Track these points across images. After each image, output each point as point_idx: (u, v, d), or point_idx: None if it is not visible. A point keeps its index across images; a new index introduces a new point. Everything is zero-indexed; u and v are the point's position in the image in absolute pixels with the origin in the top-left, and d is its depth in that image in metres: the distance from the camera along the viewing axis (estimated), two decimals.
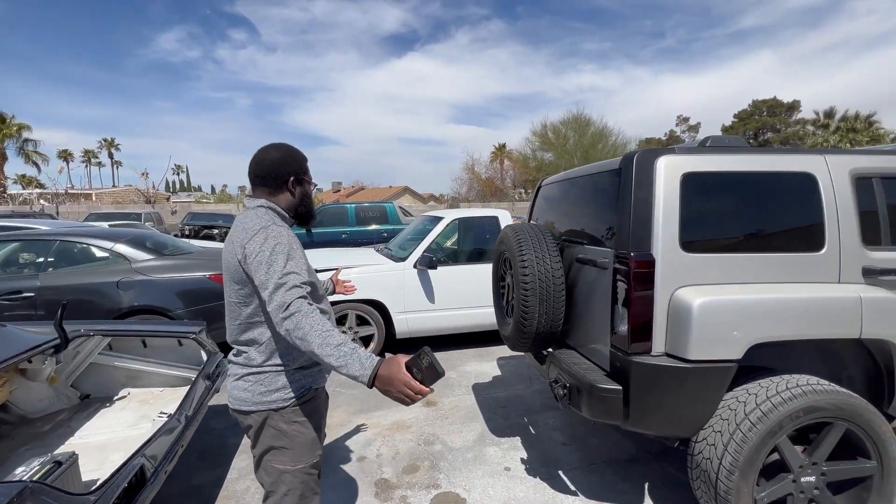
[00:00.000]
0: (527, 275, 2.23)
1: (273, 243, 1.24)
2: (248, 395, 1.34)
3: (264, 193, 1.42)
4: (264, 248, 1.23)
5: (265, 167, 1.40)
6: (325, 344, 1.11)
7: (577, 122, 21.29)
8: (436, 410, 3.33)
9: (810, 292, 1.80)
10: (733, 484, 1.73)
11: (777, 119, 37.82)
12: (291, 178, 1.42)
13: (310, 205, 1.52)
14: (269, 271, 1.20)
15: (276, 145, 1.44)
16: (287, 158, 1.43)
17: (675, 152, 1.91)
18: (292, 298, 1.16)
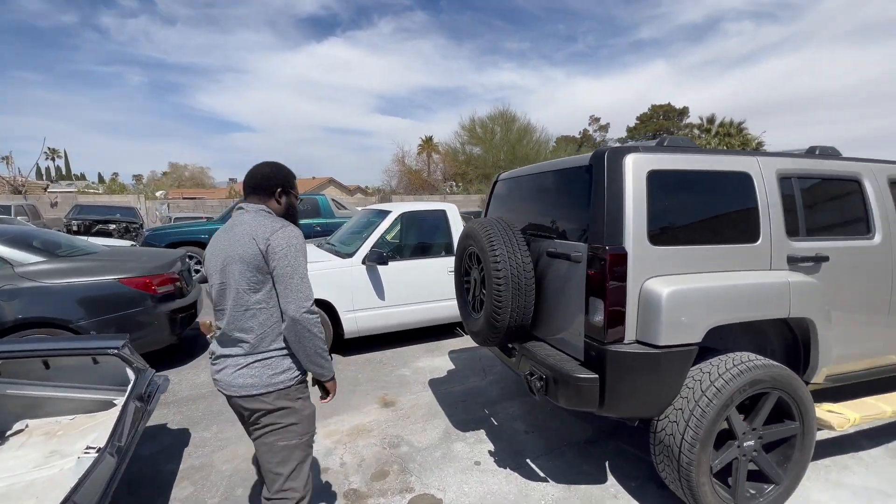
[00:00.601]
0: (499, 269, 2.23)
1: (296, 242, 1.49)
2: (256, 381, 1.47)
3: (256, 200, 1.61)
4: (291, 244, 1.47)
5: (257, 179, 1.61)
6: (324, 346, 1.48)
7: (504, 118, 22.00)
8: (395, 411, 3.24)
9: (754, 279, 2.03)
10: (695, 456, 1.89)
11: (671, 123, 42.61)
12: (279, 190, 1.63)
13: (294, 213, 1.71)
14: (295, 265, 1.45)
15: (268, 162, 1.67)
16: (276, 173, 1.64)
17: (639, 150, 2.02)
18: (313, 297, 1.46)
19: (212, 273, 1.57)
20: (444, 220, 4.74)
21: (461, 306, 2.81)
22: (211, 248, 1.59)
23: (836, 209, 2.39)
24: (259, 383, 1.47)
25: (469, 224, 2.61)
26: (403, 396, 3.48)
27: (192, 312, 4.22)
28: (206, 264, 1.60)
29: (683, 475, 1.94)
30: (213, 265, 1.56)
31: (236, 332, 1.50)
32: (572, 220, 2.20)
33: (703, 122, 39.07)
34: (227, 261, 1.49)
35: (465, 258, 2.71)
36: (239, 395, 1.49)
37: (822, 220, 2.32)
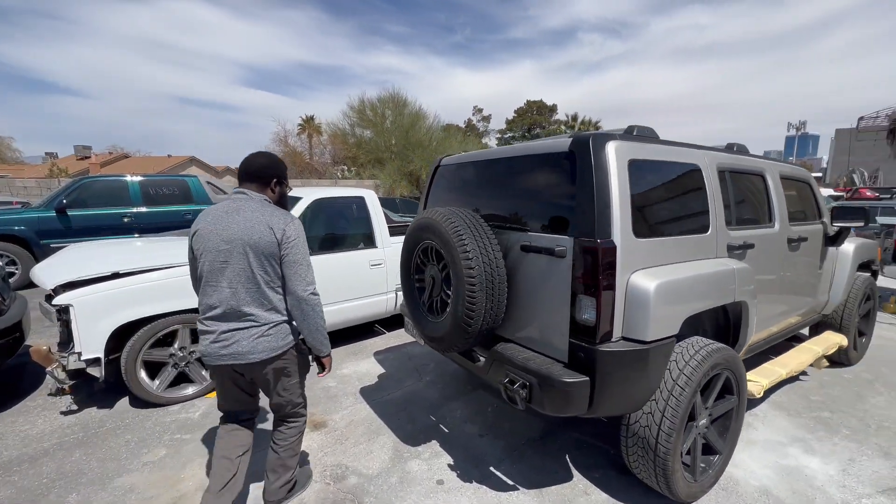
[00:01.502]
0: (472, 267, 1.96)
1: (303, 233, 1.78)
2: (275, 343, 1.77)
3: (254, 188, 1.81)
4: (300, 235, 1.76)
5: (255, 168, 1.81)
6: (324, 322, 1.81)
7: (394, 102, 21.37)
8: (329, 433, 2.77)
9: (712, 268, 2.12)
10: (671, 444, 1.92)
11: (543, 118, 46.81)
12: (274, 181, 1.84)
13: (286, 202, 1.93)
14: (304, 253, 1.76)
15: (263, 153, 1.88)
16: (272, 164, 1.85)
17: (617, 138, 1.92)
18: (315, 280, 1.79)
19: (208, 250, 1.70)
20: (364, 207, 4.26)
21: (411, 309, 2.47)
22: (212, 226, 1.72)
23: (752, 201, 2.67)
24: (277, 345, 1.78)
25: (423, 216, 2.27)
26: (335, 413, 3.01)
27: (15, 336, 3.04)
28: (201, 241, 1.72)
29: (660, 464, 1.96)
30: (212, 243, 1.70)
31: (245, 307, 1.72)
32: (549, 210, 2.03)
33: (569, 119, 44.40)
34: (240, 243, 1.68)
35: (418, 254, 2.38)
36: (260, 358, 1.75)
37: (744, 211, 2.57)
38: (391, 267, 4.24)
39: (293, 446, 2.02)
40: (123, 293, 2.84)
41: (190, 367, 3.14)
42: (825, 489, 2.27)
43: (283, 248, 1.70)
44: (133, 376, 2.90)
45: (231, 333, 1.72)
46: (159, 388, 3.03)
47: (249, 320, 1.72)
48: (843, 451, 2.60)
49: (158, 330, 2.96)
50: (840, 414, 3.02)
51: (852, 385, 3.46)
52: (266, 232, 1.68)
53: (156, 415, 2.95)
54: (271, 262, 1.71)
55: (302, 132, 34.12)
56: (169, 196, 7.48)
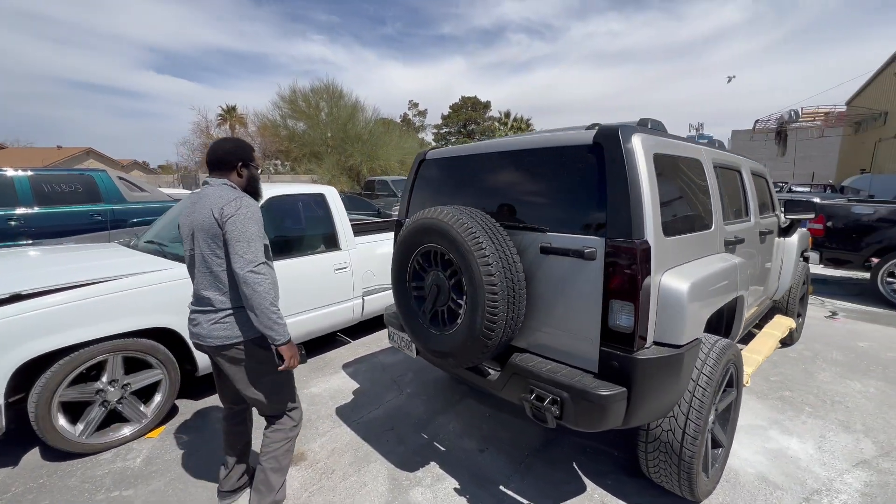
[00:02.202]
0: (492, 273, 1.74)
1: (246, 210, 1.69)
2: (228, 332, 1.75)
3: (218, 175, 1.83)
4: (241, 212, 1.67)
5: (218, 154, 1.82)
6: (272, 306, 1.66)
7: (329, 93, 20.31)
8: (310, 467, 2.41)
9: (723, 263, 2.10)
10: (696, 448, 1.87)
11: (478, 114, 47.56)
12: (239, 164, 1.85)
13: (256, 185, 1.93)
14: (243, 230, 1.65)
15: (227, 138, 1.92)
16: (233, 149, 1.84)
17: (639, 131, 1.81)
18: (261, 259, 1.67)
19: (183, 239, 1.82)
20: (324, 206, 3.84)
21: (408, 321, 2.20)
22: (181, 217, 1.84)
23: (734, 196, 2.74)
24: (231, 335, 1.75)
25: (424, 216, 2.00)
26: (312, 442, 2.64)
27: None
28: (181, 234, 1.83)
29: (685, 468, 1.90)
30: (182, 232, 1.82)
31: (203, 291, 1.76)
32: (571, 208, 1.86)
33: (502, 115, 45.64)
34: (194, 229, 1.74)
35: (416, 259, 2.10)
36: (214, 344, 1.75)
37: (732, 206, 2.63)
38: (357, 270, 3.88)
39: (277, 456, 1.90)
40: (30, 320, 2.22)
41: (124, 403, 2.58)
42: (811, 469, 2.39)
43: (223, 228, 1.66)
44: (47, 423, 2.30)
45: (195, 315, 1.81)
46: (84, 434, 2.44)
47: (207, 304, 1.76)
48: (813, 428, 2.79)
49: (80, 362, 2.37)
50: (798, 392, 3.26)
51: (799, 363, 3.78)
52: (207, 214, 1.69)
53: (81, 468, 2.37)
54: (217, 243, 1.70)
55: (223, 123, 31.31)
56: (70, 194, 6.29)
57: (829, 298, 5.90)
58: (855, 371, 3.62)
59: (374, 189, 15.26)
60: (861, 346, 4.17)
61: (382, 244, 4.24)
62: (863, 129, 18.61)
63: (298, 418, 1.99)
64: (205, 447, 2.57)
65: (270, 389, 1.86)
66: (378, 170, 19.14)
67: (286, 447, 1.93)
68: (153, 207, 6.77)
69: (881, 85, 18.15)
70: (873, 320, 4.95)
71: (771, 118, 19.28)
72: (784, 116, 18.91)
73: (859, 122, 18.82)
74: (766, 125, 19.95)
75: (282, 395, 1.90)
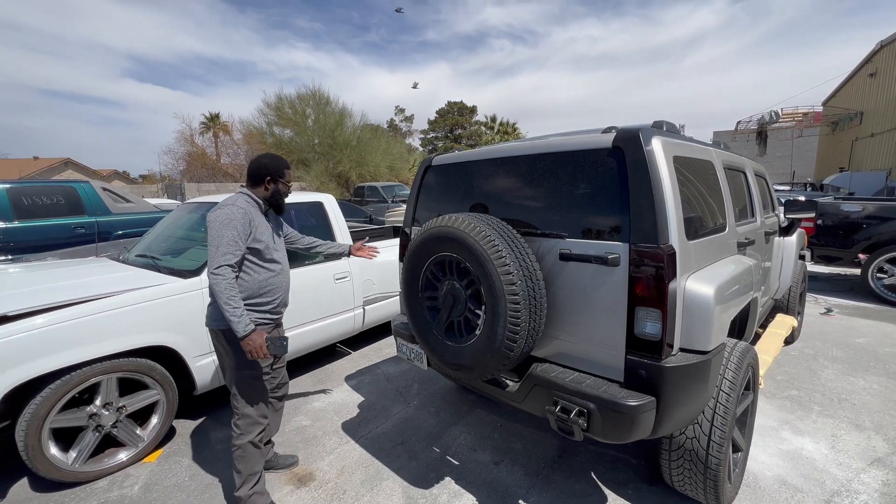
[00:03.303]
0: (513, 283, 1.69)
1: (222, 217, 1.88)
2: (208, 318, 2.02)
3: (249, 185, 2.11)
4: (216, 219, 1.88)
5: (252, 168, 2.10)
6: (227, 304, 1.79)
7: (316, 100, 20.14)
8: (320, 487, 2.30)
9: (741, 265, 2.08)
10: (723, 455, 1.83)
11: (464, 119, 47.74)
12: (268, 178, 2.08)
13: (279, 199, 2.16)
14: (213, 236, 1.86)
15: (265, 154, 2.17)
16: (263, 165, 2.08)
17: (657, 133, 1.78)
18: (222, 262, 1.82)
19: None
20: (322, 214, 3.75)
21: (420, 333, 2.12)
22: None
23: (741, 197, 2.74)
24: (209, 321, 2.03)
25: (437, 225, 1.94)
26: (320, 461, 2.53)
27: None
28: None
29: (711, 477, 1.86)
30: None
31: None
32: (591, 213, 1.81)
33: (488, 120, 45.93)
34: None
35: (429, 269, 2.03)
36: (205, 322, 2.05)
37: (740, 207, 2.62)
38: (357, 279, 3.79)
39: (235, 454, 2.00)
40: (17, 343, 2.09)
41: (119, 426, 2.44)
42: (828, 469, 2.38)
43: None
44: (37, 452, 2.15)
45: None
46: (77, 462, 2.30)
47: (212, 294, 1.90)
48: (824, 427, 2.79)
49: (72, 386, 2.24)
50: (805, 391, 3.27)
51: (802, 361, 3.80)
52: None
53: (74, 499, 2.23)
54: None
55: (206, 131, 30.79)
56: (51, 207, 6.06)
57: (821, 295, 6.00)
58: (856, 368, 3.65)
59: (363, 195, 15.14)
60: (859, 342, 4.23)
61: (382, 251, 4.15)
62: (839, 128, 19.18)
63: (244, 427, 1.99)
64: (206, 469, 2.45)
65: (231, 381, 2.03)
66: (367, 176, 19.02)
67: (237, 453, 2.00)
68: (140, 219, 6.56)
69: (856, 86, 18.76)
70: (866, 316, 5.04)
71: (752, 119, 19.74)
72: (765, 117, 19.38)
73: (836, 122, 19.39)
74: (748, 126, 20.42)
75: (240, 392, 2.00)
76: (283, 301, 2.15)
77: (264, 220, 2.07)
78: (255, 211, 2.02)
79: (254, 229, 1.96)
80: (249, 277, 1.98)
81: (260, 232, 1.99)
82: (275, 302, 2.09)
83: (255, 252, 1.98)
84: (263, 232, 2.02)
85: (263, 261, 2.02)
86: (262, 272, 2.01)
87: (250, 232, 1.94)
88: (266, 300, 2.04)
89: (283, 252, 2.19)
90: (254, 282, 1.99)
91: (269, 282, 2.04)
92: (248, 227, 1.93)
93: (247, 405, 2.01)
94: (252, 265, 1.99)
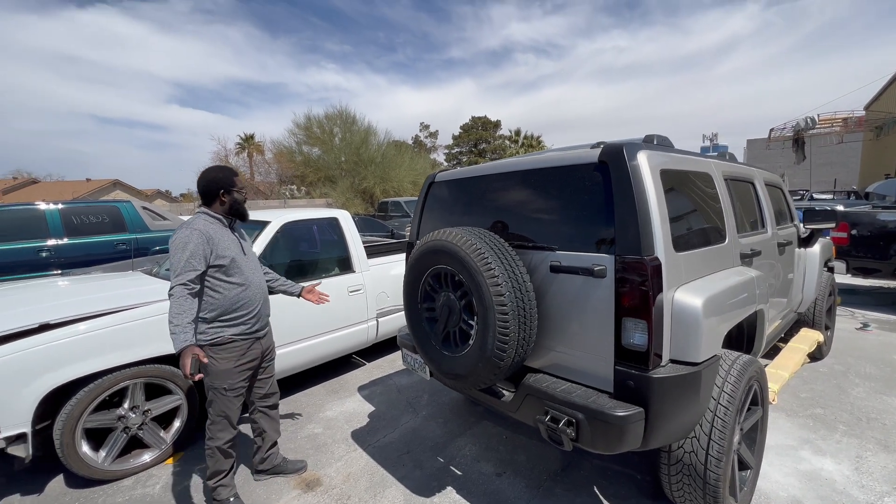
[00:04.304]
0: (502, 294, 1.75)
1: (177, 240, 1.99)
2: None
3: (204, 203, 2.16)
4: (178, 237, 1.99)
5: (202, 186, 2.13)
6: (170, 322, 1.88)
7: (343, 119, 20.90)
8: (326, 492, 2.39)
9: (739, 278, 2.06)
10: (722, 470, 1.80)
11: (488, 133, 48.11)
12: (221, 191, 2.12)
13: (239, 207, 2.19)
14: (173, 258, 1.96)
15: (210, 168, 2.18)
16: (213, 179, 2.12)
17: (644, 148, 1.82)
18: (176, 283, 1.92)
19: None
20: (338, 230, 3.91)
21: (420, 343, 2.20)
22: None
23: (749, 208, 2.70)
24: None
25: (434, 238, 2.03)
26: (327, 467, 2.62)
27: None
28: None
29: (710, 492, 1.82)
30: None
31: None
32: (578, 226, 1.87)
33: (512, 133, 46.15)
34: None
35: (427, 281, 2.12)
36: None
37: (746, 219, 2.59)
38: (371, 292, 3.92)
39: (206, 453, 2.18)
40: (57, 349, 2.30)
41: (145, 429, 2.62)
42: (848, 492, 2.27)
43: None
44: (71, 450, 2.35)
45: None
46: (106, 461, 2.49)
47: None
48: (848, 448, 2.65)
49: (104, 389, 2.44)
50: (831, 409, 3.12)
51: (830, 378, 3.62)
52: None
53: (103, 495, 2.41)
54: None
55: (241, 151, 32.41)
56: (97, 225, 6.57)
57: (859, 309, 5.67)
58: (891, 386, 3.44)
59: (387, 210, 15.47)
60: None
61: (396, 265, 4.28)
62: (884, 133, 18.17)
63: (214, 432, 2.13)
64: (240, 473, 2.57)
65: (210, 391, 2.12)
66: (391, 191, 19.43)
67: (208, 453, 2.16)
68: None
69: None
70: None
71: (786, 126, 18.99)
72: (800, 124, 18.61)
73: (880, 127, 18.39)
74: (782, 133, 19.65)
75: (212, 401, 2.12)
76: (260, 313, 2.20)
77: (229, 233, 2.12)
78: (215, 228, 2.07)
79: (214, 247, 2.00)
80: (220, 295, 2.04)
81: (223, 248, 2.03)
82: (250, 315, 2.14)
83: (220, 269, 2.02)
84: (228, 247, 2.06)
85: (230, 277, 2.06)
86: (231, 289, 2.06)
87: (211, 250, 1.99)
88: (240, 314, 2.10)
89: (254, 263, 2.24)
90: (224, 299, 2.05)
91: (240, 297, 2.09)
92: (207, 246, 1.98)
93: (216, 414, 2.12)
94: (220, 282, 2.04)
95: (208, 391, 2.12)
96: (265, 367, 2.38)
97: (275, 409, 2.49)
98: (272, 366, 2.45)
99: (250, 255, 2.26)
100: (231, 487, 2.24)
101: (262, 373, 2.36)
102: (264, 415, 2.43)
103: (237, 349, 2.12)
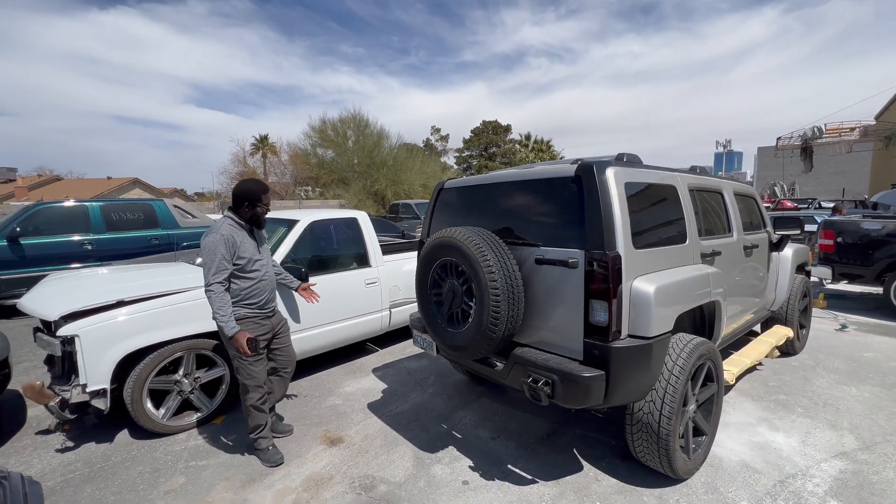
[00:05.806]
0: (495, 280, 2.20)
1: (208, 242, 2.43)
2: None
3: (234, 205, 2.61)
4: (207, 242, 2.43)
5: (236, 192, 2.59)
6: (217, 313, 2.40)
7: (356, 122, 21.54)
8: (348, 447, 2.85)
9: (694, 272, 2.48)
10: (671, 427, 2.22)
11: (498, 137, 48.54)
12: (246, 203, 2.58)
13: (257, 220, 2.66)
14: (206, 259, 2.41)
15: (245, 181, 2.64)
16: (241, 192, 2.58)
17: (612, 164, 2.25)
18: (213, 281, 2.39)
19: None
20: (357, 228, 4.39)
21: (429, 322, 2.65)
22: None
23: (715, 215, 3.11)
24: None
25: (441, 235, 2.48)
26: (349, 429, 3.09)
27: (4, 373, 2.89)
28: None
29: (662, 445, 2.25)
30: None
31: None
32: (559, 227, 2.31)
33: (522, 138, 46.47)
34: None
35: (435, 270, 2.58)
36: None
37: (711, 224, 3.00)
38: (385, 285, 4.39)
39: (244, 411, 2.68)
40: (130, 321, 2.81)
41: (195, 393, 3.11)
42: (791, 458, 2.66)
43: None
44: (140, 406, 2.84)
45: None
46: (164, 417, 2.98)
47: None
48: (801, 426, 3.04)
49: (165, 357, 2.93)
50: (793, 396, 3.50)
51: (799, 371, 3.99)
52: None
53: (163, 445, 2.90)
54: None
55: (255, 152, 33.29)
56: (133, 221, 7.16)
57: (843, 313, 5.99)
58: (853, 378, 3.81)
59: (398, 212, 15.98)
60: (866, 356, 4.33)
61: (407, 262, 4.74)
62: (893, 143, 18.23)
63: (245, 393, 2.61)
64: None
65: (236, 366, 2.60)
66: (402, 193, 19.97)
67: (245, 411, 2.65)
68: (202, 231, 7.56)
69: None
70: (884, 333, 5.06)
71: (793, 135, 19.14)
72: (808, 133, 18.75)
73: (889, 137, 18.44)
74: (790, 142, 19.79)
75: (239, 371, 2.58)
76: (268, 299, 2.69)
77: (247, 237, 2.58)
78: (238, 231, 2.53)
79: (237, 249, 2.48)
80: (236, 286, 2.53)
81: (243, 249, 2.51)
82: (260, 301, 2.63)
83: (239, 266, 2.51)
84: (246, 248, 2.54)
85: (245, 272, 2.55)
86: (245, 282, 2.55)
87: (234, 252, 2.46)
88: (253, 301, 2.59)
89: (266, 260, 2.71)
90: (240, 289, 2.54)
91: (253, 287, 2.58)
92: (233, 248, 2.45)
93: (244, 379, 2.59)
94: (237, 277, 2.53)
95: (233, 360, 2.59)
96: (280, 338, 2.85)
97: (288, 375, 2.96)
98: (286, 336, 2.92)
99: (265, 254, 2.72)
100: (269, 439, 2.71)
101: (277, 342, 2.83)
102: (279, 377, 2.91)
103: (251, 323, 2.59)
